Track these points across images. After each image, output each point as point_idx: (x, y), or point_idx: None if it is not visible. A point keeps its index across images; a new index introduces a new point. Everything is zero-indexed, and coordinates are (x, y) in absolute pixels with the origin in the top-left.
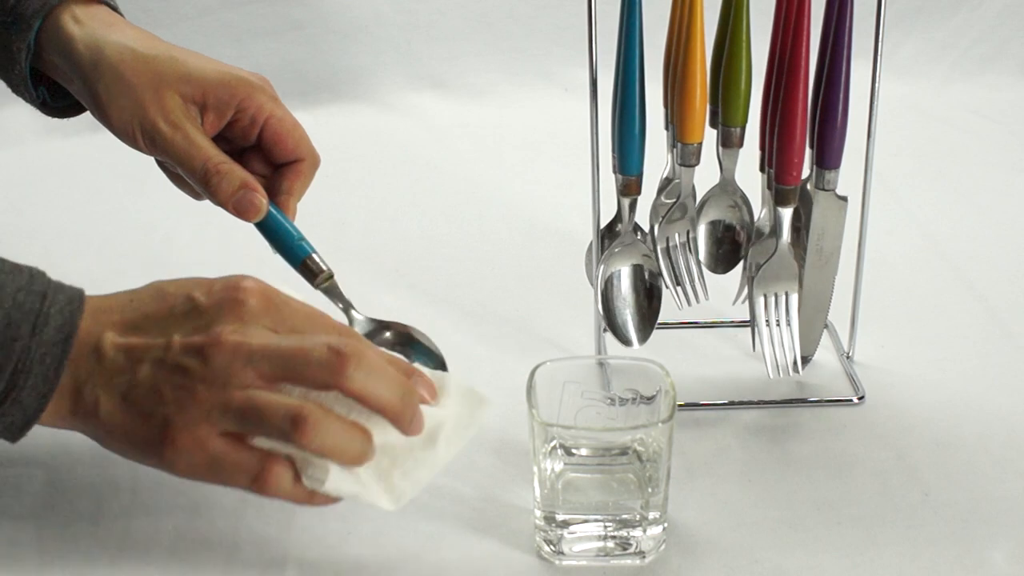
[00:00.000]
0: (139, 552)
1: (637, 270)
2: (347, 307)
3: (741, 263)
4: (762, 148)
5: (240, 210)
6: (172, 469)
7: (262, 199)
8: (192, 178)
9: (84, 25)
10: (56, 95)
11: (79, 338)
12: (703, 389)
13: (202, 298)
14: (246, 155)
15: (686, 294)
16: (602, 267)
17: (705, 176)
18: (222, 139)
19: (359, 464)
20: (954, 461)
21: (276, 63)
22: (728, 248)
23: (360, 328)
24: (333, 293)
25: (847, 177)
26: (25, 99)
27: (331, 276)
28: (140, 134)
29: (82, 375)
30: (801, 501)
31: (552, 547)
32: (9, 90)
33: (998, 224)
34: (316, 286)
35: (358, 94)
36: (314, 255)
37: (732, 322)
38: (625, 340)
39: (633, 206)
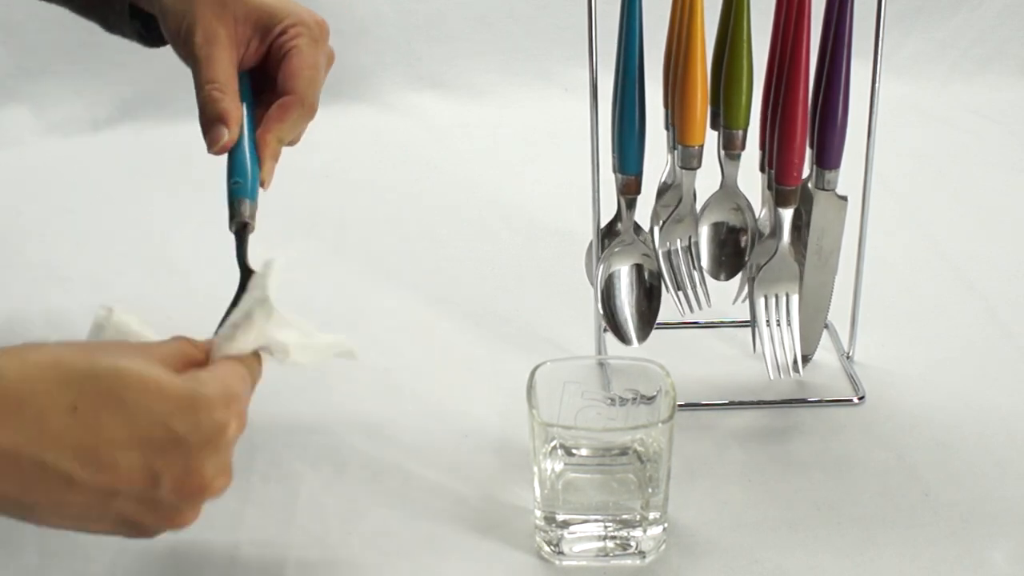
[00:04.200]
0: (139, 552)
1: (637, 269)
2: (242, 267)
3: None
4: (762, 148)
5: (207, 140)
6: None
7: (227, 137)
8: (196, 93)
9: None
10: (148, 26)
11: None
12: (703, 389)
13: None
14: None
15: (688, 300)
16: (602, 266)
17: (704, 180)
18: (262, 73)
19: None
20: (954, 461)
21: None
22: (730, 252)
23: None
24: (238, 245)
25: (847, 177)
26: (123, 34)
27: (244, 226)
28: (183, 35)
29: None
30: (801, 501)
31: (552, 547)
32: (8, 90)
33: (998, 224)
34: (229, 228)
35: (358, 94)
36: (247, 200)
37: (732, 322)
38: (625, 339)
39: (632, 205)
